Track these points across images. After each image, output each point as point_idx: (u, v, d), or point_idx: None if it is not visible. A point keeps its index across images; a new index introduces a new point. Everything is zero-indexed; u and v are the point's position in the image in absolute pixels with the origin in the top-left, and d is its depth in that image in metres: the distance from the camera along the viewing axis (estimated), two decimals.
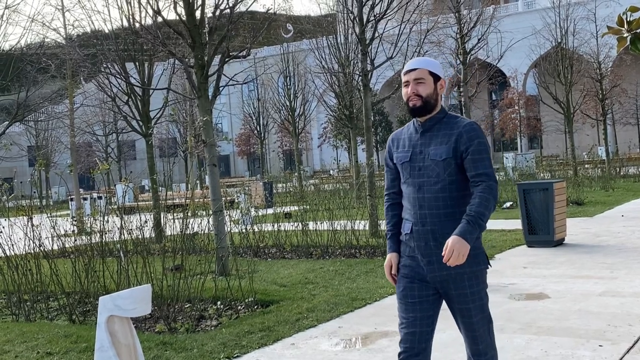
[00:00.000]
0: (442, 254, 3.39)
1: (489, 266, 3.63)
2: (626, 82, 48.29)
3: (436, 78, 3.63)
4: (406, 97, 3.62)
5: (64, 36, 20.59)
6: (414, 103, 3.58)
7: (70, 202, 28.69)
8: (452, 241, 3.35)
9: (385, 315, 7.19)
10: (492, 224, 14.97)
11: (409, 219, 3.62)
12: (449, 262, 3.33)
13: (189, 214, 9.12)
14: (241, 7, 10.91)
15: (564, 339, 5.87)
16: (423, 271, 3.59)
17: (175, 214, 12.41)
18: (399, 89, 15.57)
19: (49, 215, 10.14)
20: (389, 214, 3.82)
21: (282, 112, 38.90)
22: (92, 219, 10.16)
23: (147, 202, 22.40)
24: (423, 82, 3.58)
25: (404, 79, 3.66)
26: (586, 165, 31.62)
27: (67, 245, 10.72)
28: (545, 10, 33.22)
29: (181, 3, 10.44)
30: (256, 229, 13.28)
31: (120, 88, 15.31)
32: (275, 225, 13.65)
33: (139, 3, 13.44)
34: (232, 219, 14.19)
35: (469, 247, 3.37)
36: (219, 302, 8.02)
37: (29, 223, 8.96)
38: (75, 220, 10.93)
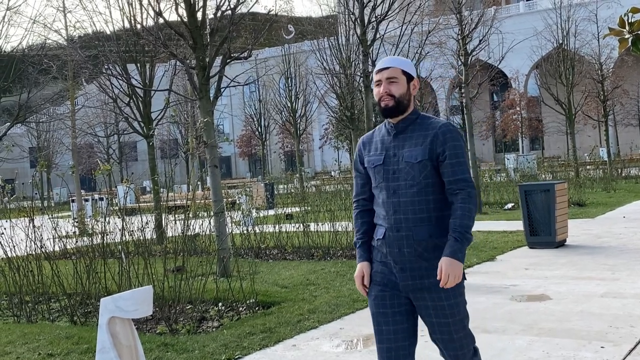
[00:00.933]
0: (437, 277, 3.27)
1: (465, 279, 3.45)
2: (628, 83, 48.27)
3: (409, 78, 3.50)
4: (378, 96, 3.47)
5: (66, 37, 20.61)
6: (386, 103, 3.43)
7: (71, 204, 28.69)
8: (444, 265, 3.25)
9: None
10: (493, 225, 14.95)
11: (382, 224, 3.46)
12: (446, 286, 3.26)
13: (190, 215, 9.11)
14: (242, 9, 10.93)
15: (566, 340, 5.87)
16: (395, 279, 3.43)
17: (176, 215, 12.40)
18: None
19: (50, 216, 10.15)
20: (358, 221, 3.63)
21: (283, 113, 38.91)
22: (93, 220, 10.16)
23: (148, 204, 22.41)
24: (396, 81, 3.44)
25: (375, 77, 3.50)
26: (588, 167, 31.59)
27: (68, 247, 10.72)
28: (547, 11, 33.20)
29: (182, 4, 10.45)
30: (257, 230, 13.28)
31: (121, 89, 15.31)
32: (277, 227, 13.64)
33: (141, 4, 13.46)
34: (234, 220, 14.19)
35: (462, 265, 3.28)
36: (220, 304, 8.02)
37: (31, 224, 8.96)
38: (77, 222, 10.93)
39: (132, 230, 8.79)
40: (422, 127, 3.45)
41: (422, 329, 6.52)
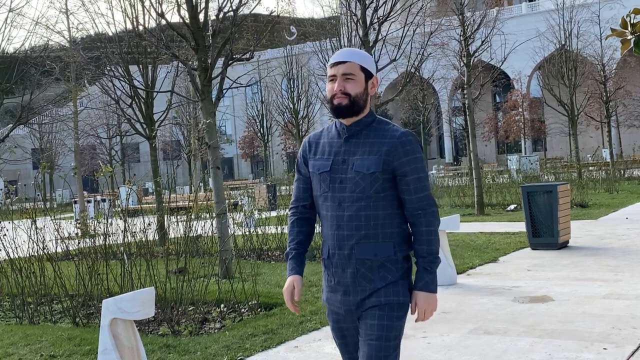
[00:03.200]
0: (412, 312, 3.07)
1: (408, 301, 3.10)
2: (630, 84, 48.23)
3: (368, 75, 3.09)
4: (331, 94, 3.05)
5: (68, 39, 20.64)
6: (340, 102, 3.02)
7: (74, 205, 28.73)
8: (420, 301, 3.04)
9: None
10: (495, 227, 14.95)
11: (327, 240, 3.10)
12: (424, 320, 3.09)
13: (193, 216, 9.12)
14: (244, 10, 10.92)
15: (568, 341, 5.86)
16: (340, 304, 3.11)
17: (178, 217, 12.42)
18: (402, 91, 15.59)
19: (52, 217, 10.15)
20: (294, 229, 3.23)
21: (285, 114, 38.93)
22: (95, 221, 10.17)
23: (150, 205, 22.41)
24: (352, 78, 3.03)
25: (329, 72, 3.08)
26: (590, 168, 31.54)
27: (70, 248, 10.73)
28: (549, 12, 33.20)
29: (185, 6, 10.46)
30: (260, 232, 13.28)
31: (124, 91, 15.32)
32: (279, 228, 13.64)
33: (143, 6, 13.46)
34: (236, 221, 14.19)
35: (436, 296, 3.06)
36: (222, 305, 8.02)
37: (33, 226, 8.97)
38: (79, 223, 10.94)
39: (135, 232, 8.80)
40: (378, 134, 3.06)
41: (423, 329, 6.53)
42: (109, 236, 9.01)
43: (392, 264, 3.03)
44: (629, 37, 3.67)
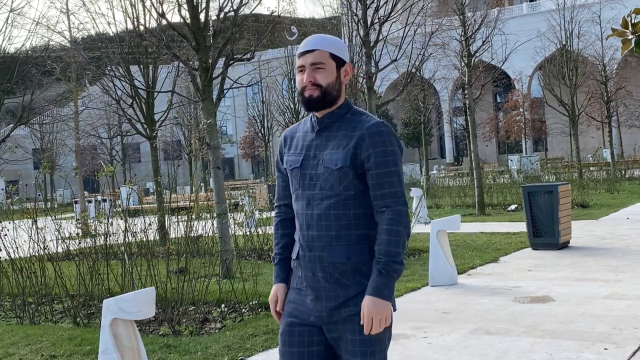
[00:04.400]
0: (361, 322, 2.67)
1: (394, 309, 2.81)
2: (631, 85, 48.19)
3: (340, 63, 2.85)
4: (300, 86, 2.83)
5: (69, 39, 20.64)
6: (310, 93, 2.79)
7: (74, 205, 28.74)
8: (367, 308, 2.64)
9: None
10: (496, 227, 14.94)
11: (297, 241, 2.88)
12: (372, 332, 2.66)
13: (193, 216, 9.12)
14: (245, 10, 10.92)
15: (569, 342, 5.85)
16: (308, 309, 2.82)
17: (179, 217, 12.42)
18: (403, 91, 15.57)
19: (53, 218, 10.15)
20: (278, 232, 3.03)
21: (286, 114, 38.95)
22: (96, 221, 10.17)
23: (151, 205, 22.41)
24: (322, 67, 2.79)
25: (298, 62, 2.84)
26: (591, 168, 31.54)
27: (71, 248, 10.74)
28: (550, 12, 33.20)
29: (185, 6, 10.46)
30: (260, 232, 13.28)
31: (124, 91, 15.33)
32: None
33: (144, 6, 13.46)
34: (237, 221, 14.19)
35: (389, 305, 2.66)
36: (223, 305, 8.02)
37: (34, 226, 8.97)
38: (80, 223, 10.93)
39: (135, 232, 8.80)
40: (350, 126, 2.82)
41: (424, 329, 6.53)
42: (110, 236, 9.01)
43: (368, 268, 2.76)
44: (629, 37, 3.67)
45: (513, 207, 19.34)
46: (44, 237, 8.91)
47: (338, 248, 2.75)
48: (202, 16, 10.44)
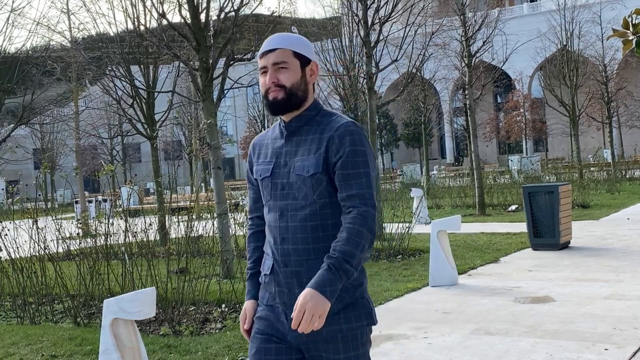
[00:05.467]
0: (292, 315, 2.41)
1: (374, 323, 2.64)
2: (632, 85, 48.20)
3: (304, 61, 2.67)
4: (264, 88, 2.65)
5: (69, 39, 20.65)
6: (275, 95, 2.61)
7: (75, 205, 28.75)
8: (302, 298, 2.38)
9: (389, 318, 7.17)
10: (497, 227, 14.94)
11: (269, 254, 2.67)
12: (299, 328, 2.37)
13: (194, 216, 9.12)
14: (246, 10, 10.92)
15: (570, 342, 5.85)
16: (284, 327, 2.60)
17: (179, 217, 12.43)
18: (403, 91, 15.58)
19: (54, 218, 10.16)
20: (250, 245, 2.85)
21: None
22: (97, 221, 10.17)
23: (151, 205, 22.42)
24: (286, 67, 2.62)
25: (260, 63, 2.67)
26: (592, 168, 31.54)
27: (72, 248, 10.74)
28: (551, 12, 33.19)
29: (186, 6, 10.47)
30: None
31: (125, 91, 15.33)
32: None
33: (144, 6, 13.46)
34: (237, 221, 14.19)
35: (328, 304, 2.39)
36: (223, 305, 8.02)
37: (34, 226, 8.98)
38: (80, 223, 10.94)
39: (136, 232, 8.80)
40: (319, 128, 2.63)
41: (424, 330, 6.53)
42: (110, 236, 9.02)
43: (350, 281, 2.57)
44: (630, 38, 3.67)
45: (513, 207, 19.34)
46: (45, 237, 8.91)
47: (316, 262, 2.54)
48: (202, 16, 10.44)
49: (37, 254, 8.95)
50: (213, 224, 10.65)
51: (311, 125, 2.65)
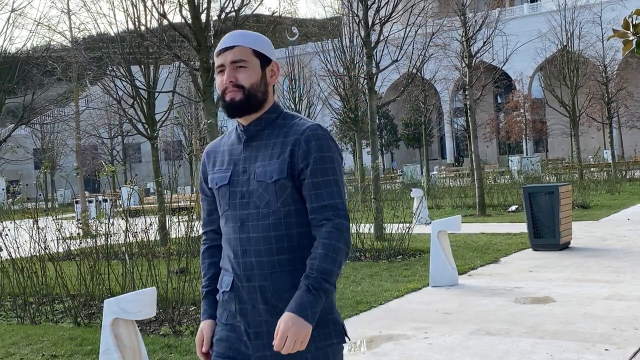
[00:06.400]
0: (273, 342, 2.28)
1: (347, 340, 2.48)
2: (632, 86, 48.19)
3: (264, 61, 2.50)
4: (221, 88, 2.47)
5: (70, 39, 20.66)
6: (232, 96, 2.44)
7: (75, 205, 28.75)
8: (283, 324, 2.25)
9: (390, 318, 7.18)
10: (497, 228, 14.94)
11: (229, 270, 2.48)
12: (282, 351, 2.26)
13: (194, 216, 9.12)
14: (246, 10, 10.93)
15: (570, 342, 5.85)
16: (247, 348, 2.43)
17: (180, 217, 12.42)
18: (403, 92, 15.58)
19: (54, 217, 10.16)
20: (205, 262, 2.66)
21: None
22: (97, 221, 10.18)
23: (152, 205, 22.43)
24: (245, 66, 2.44)
25: (217, 62, 2.49)
26: (592, 169, 31.54)
27: (72, 248, 10.75)
28: (551, 13, 33.19)
29: (187, 6, 10.47)
30: None
31: (125, 91, 15.34)
32: None
33: (145, 6, 13.47)
34: None
35: (310, 327, 2.27)
36: None
37: (35, 226, 8.98)
38: (81, 223, 10.94)
39: (136, 232, 8.81)
40: (282, 132, 2.47)
41: (424, 330, 6.53)
42: (111, 236, 9.02)
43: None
44: (630, 38, 3.68)
45: (514, 207, 19.33)
46: (45, 237, 8.92)
47: (282, 275, 2.38)
48: (203, 16, 10.45)
49: (38, 253, 8.95)
50: None
51: (272, 129, 2.49)
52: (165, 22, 11.47)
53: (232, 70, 2.44)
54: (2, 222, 9.85)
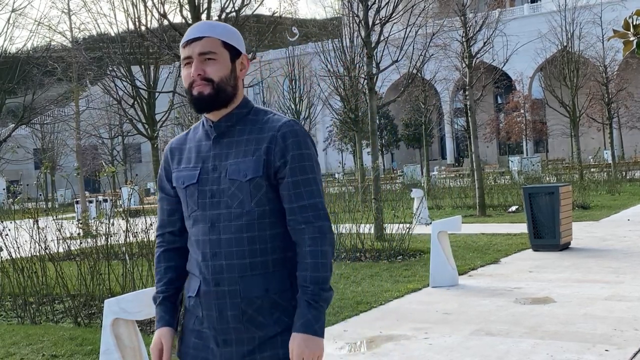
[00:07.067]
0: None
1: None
2: (632, 86, 48.19)
3: (234, 54, 2.36)
4: (188, 81, 2.33)
5: (70, 39, 20.66)
6: (200, 90, 2.29)
7: (75, 205, 28.75)
8: (297, 348, 2.19)
9: (390, 319, 7.18)
10: (497, 228, 14.94)
11: (196, 274, 2.34)
12: None
13: None
14: (247, 11, 10.93)
15: (570, 343, 5.85)
16: (214, 356, 2.32)
17: None
18: (404, 92, 15.59)
19: (54, 217, 10.16)
20: (161, 265, 2.47)
21: (287, 115, 38.89)
22: (97, 221, 10.18)
23: (152, 205, 22.44)
24: (214, 58, 2.30)
25: (183, 53, 2.34)
26: (592, 169, 31.55)
27: (72, 248, 10.75)
28: (551, 13, 33.17)
29: (187, 6, 10.48)
30: None
31: (125, 91, 15.34)
32: None
33: (145, 6, 13.47)
34: None
35: (322, 341, 2.22)
36: None
37: (35, 226, 8.98)
38: (81, 223, 10.95)
39: (136, 232, 8.81)
40: (256, 128, 2.34)
41: (425, 330, 6.53)
42: (111, 236, 9.02)
43: (288, 300, 2.30)
44: (631, 39, 3.68)
45: (514, 208, 19.33)
46: (45, 237, 8.92)
47: (254, 279, 2.26)
48: (203, 17, 10.45)
49: (38, 253, 8.95)
50: None
51: (244, 125, 2.36)
52: (165, 22, 11.47)
53: (200, 63, 2.30)
54: (2, 222, 9.85)
